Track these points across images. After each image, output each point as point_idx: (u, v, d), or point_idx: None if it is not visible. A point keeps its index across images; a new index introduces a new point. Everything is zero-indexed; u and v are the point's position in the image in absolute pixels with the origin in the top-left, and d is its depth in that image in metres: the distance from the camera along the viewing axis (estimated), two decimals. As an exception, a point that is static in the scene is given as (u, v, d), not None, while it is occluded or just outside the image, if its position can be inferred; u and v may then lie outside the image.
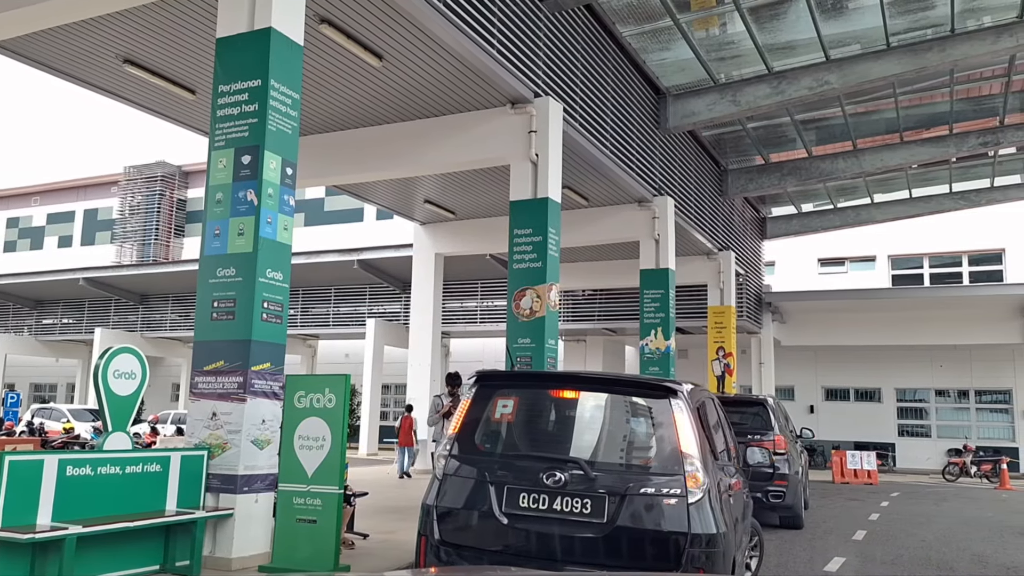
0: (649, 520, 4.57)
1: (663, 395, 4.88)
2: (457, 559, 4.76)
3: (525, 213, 12.69)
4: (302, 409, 7.09)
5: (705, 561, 4.51)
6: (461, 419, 5.15)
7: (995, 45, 14.27)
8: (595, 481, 4.66)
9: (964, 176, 23.89)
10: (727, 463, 5.67)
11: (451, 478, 4.98)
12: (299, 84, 7.83)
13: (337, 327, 28.94)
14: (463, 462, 5.00)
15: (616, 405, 5.14)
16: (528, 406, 5.31)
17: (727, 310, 21.81)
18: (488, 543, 4.76)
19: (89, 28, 10.91)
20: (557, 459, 4.81)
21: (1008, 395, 27.31)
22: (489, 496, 4.80)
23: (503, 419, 5.19)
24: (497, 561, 4.70)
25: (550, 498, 4.68)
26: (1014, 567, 8.75)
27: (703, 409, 5.27)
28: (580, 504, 4.64)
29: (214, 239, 7.50)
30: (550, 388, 5.38)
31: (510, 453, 5.07)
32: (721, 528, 4.62)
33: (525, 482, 4.76)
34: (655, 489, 4.61)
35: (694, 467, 4.62)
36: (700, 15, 14.60)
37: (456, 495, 4.91)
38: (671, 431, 4.73)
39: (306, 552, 6.85)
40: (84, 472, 6.21)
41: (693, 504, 4.54)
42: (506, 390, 5.33)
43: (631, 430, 5.12)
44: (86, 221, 41.49)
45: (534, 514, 4.68)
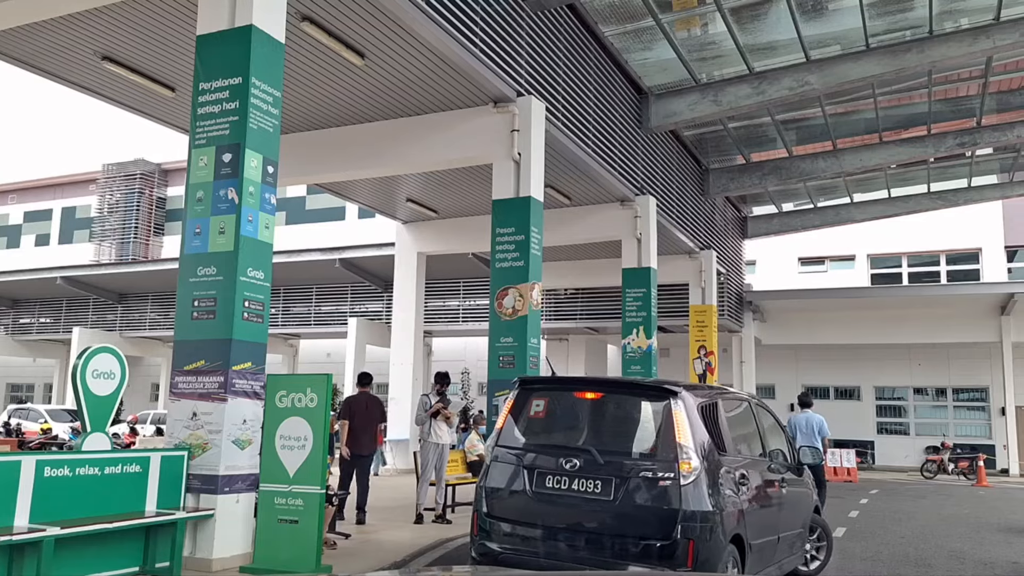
0: (647, 498, 5.47)
1: (665, 396, 5.79)
2: (499, 526, 5.84)
3: (508, 212, 12.69)
4: (283, 409, 7.06)
5: (698, 534, 5.32)
6: (505, 415, 6.25)
7: (972, 47, 14.43)
8: (604, 466, 5.61)
9: (942, 176, 24.15)
10: (748, 457, 6.48)
11: (495, 463, 6.06)
12: (280, 82, 7.79)
13: (319, 326, 28.79)
14: (504, 451, 6.06)
15: (626, 404, 6.15)
16: (555, 405, 6.31)
17: (708, 309, 21.92)
18: (521, 516, 5.80)
19: (67, 24, 10.79)
20: (574, 448, 5.82)
21: (985, 393, 27.63)
22: (523, 478, 5.86)
23: (536, 416, 6.25)
24: (527, 528, 5.73)
25: (569, 480, 5.67)
26: (991, 563, 8.86)
27: (710, 409, 6.09)
28: (592, 484, 5.60)
29: (195, 238, 7.45)
30: (574, 390, 6.40)
31: (539, 443, 6.05)
32: (711, 507, 5.42)
33: (549, 467, 5.78)
34: (652, 473, 5.52)
35: (687, 455, 5.49)
36: (682, 15, 14.66)
37: (499, 477, 5.97)
38: (670, 425, 5.63)
39: (287, 553, 6.83)
40: (62, 473, 6.14)
41: (685, 485, 5.40)
42: (539, 392, 6.38)
43: (637, 424, 6.00)
44: (64, 219, 41.03)
45: (556, 492, 5.69)
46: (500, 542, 5.80)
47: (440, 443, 10.43)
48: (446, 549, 8.69)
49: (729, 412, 6.48)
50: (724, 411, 6.32)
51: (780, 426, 7.81)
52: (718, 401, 6.34)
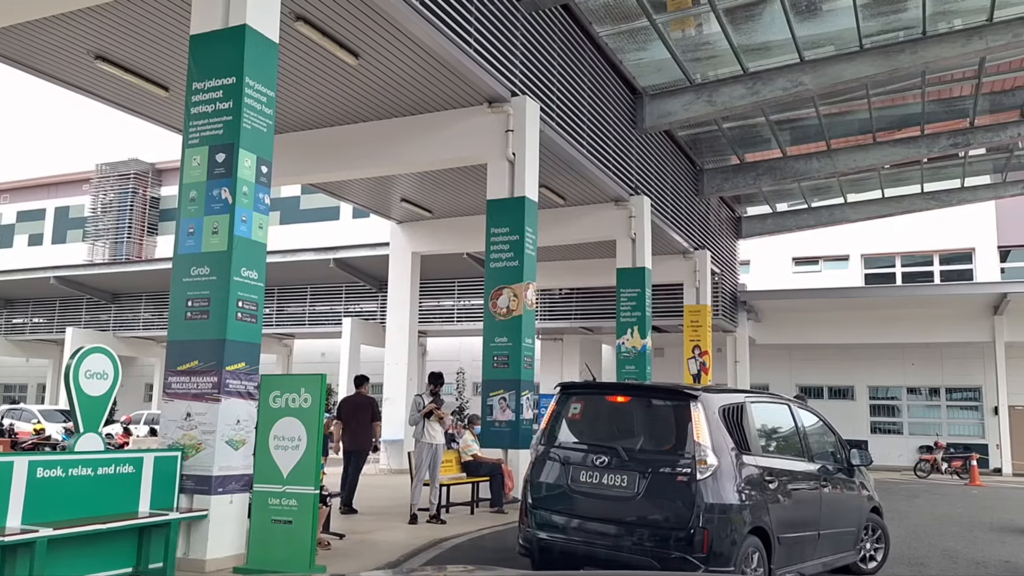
0: (667, 492, 5.97)
1: (685, 400, 6.26)
2: (542, 515, 6.45)
3: (502, 212, 12.70)
4: (277, 409, 7.04)
5: (714, 525, 5.78)
6: (548, 417, 6.87)
7: (965, 47, 14.47)
8: (629, 462, 6.18)
9: (935, 176, 24.22)
10: (779, 456, 6.93)
11: (539, 459, 6.70)
12: (274, 82, 7.78)
13: (313, 326, 28.75)
14: (546, 448, 6.70)
15: (651, 407, 6.72)
16: (590, 408, 6.94)
17: (703, 309, 21.94)
18: (560, 506, 6.43)
19: (60, 24, 10.76)
20: (604, 446, 6.41)
21: (978, 392, 27.72)
22: (560, 472, 6.49)
23: (573, 417, 6.86)
24: (565, 518, 6.34)
25: (599, 474, 6.27)
26: (983, 562, 8.89)
27: (734, 411, 6.53)
28: (619, 479, 6.18)
29: (188, 238, 7.43)
30: (606, 395, 7.13)
31: (575, 442, 6.68)
32: (726, 500, 5.90)
33: (583, 463, 6.40)
34: (672, 468, 6.02)
35: (704, 453, 5.94)
36: (676, 16, 14.68)
37: (541, 472, 6.62)
38: (688, 426, 6.09)
39: (281, 553, 6.81)
40: (55, 474, 6.12)
41: (702, 480, 5.87)
42: (577, 396, 7.00)
43: (660, 425, 6.53)
44: (57, 219, 40.90)
45: (588, 486, 6.30)
46: (542, 530, 6.42)
47: (434, 443, 10.42)
48: (440, 549, 8.68)
49: (758, 414, 6.86)
50: (752, 413, 6.73)
51: (830, 428, 8.08)
52: (744, 404, 6.72)
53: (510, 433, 12.44)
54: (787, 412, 7.44)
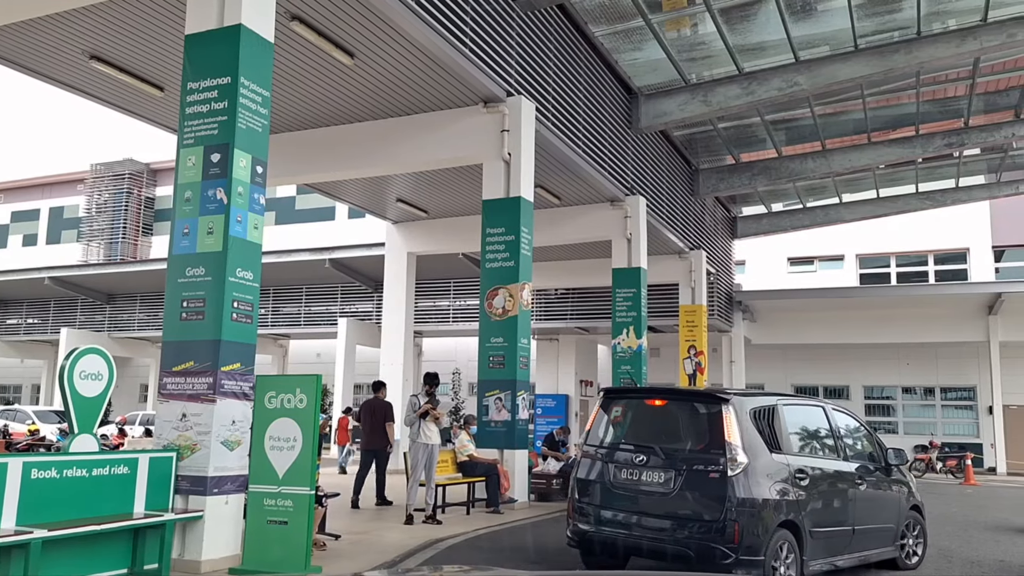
0: (701, 487, 6.42)
1: (718, 403, 6.68)
2: (588, 510, 6.96)
3: (498, 212, 12.70)
4: (273, 410, 7.03)
5: (745, 518, 6.20)
6: (592, 420, 7.44)
7: (960, 48, 14.51)
8: (665, 461, 6.65)
9: (930, 176, 24.28)
10: (812, 455, 7.34)
11: (584, 459, 7.24)
12: (269, 81, 7.77)
13: (308, 326, 28.71)
14: (591, 447, 7.23)
15: (687, 410, 7.16)
16: (630, 411, 7.47)
17: (698, 309, 21.96)
18: (603, 501, 6.92)
19: (54, 23, 10.73)
20: (643, 446, 6.90)
21: (972, 392, 27.79)
22: (603, 470, 7.00)
23: (615, 420, 7.39)
24: (609, 512, 6.82)
25: (639, 472, 6.76)
26: (978, 562, 8.91)
27: (766, 413, 6.96)
28: (656, 476, 6.66)
29: (183, 238, 7.41)
30: (645, 399, 7.64)
31: (617, 442, 7.19)
32: (756, 496, 6.30)
33: (624, 461, 6.90)
34: (704, 466, 6.46)
35: (735, 452, 6.38)
36: (671, 16, 14.69)
37: (586, 470, 7.15)
38: (720, 427, 6.52)
39: (277, 554, 6.80)
40: (50, 475, 6.10)
41: (732, 476, 6.29)
42: (618, 400, 7.62)
43: (694, 426, 6.91)
44: (51, 219, 40.77)
45: (629, 483, 6.80)
46: (588, 523, 6.94)
47: (430, 443, 10.42)
48: (436, 549, 8.68)
49: (790, 417, 7.29)
50: (784, 415, 7.15)
51: (867, 430, 8.47)
52: (776, 406, 7.17)
53: (506, 433, 12.44)
54: (821, 414, 7.83)
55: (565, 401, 28.13)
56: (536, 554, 8.75)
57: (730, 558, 6.11)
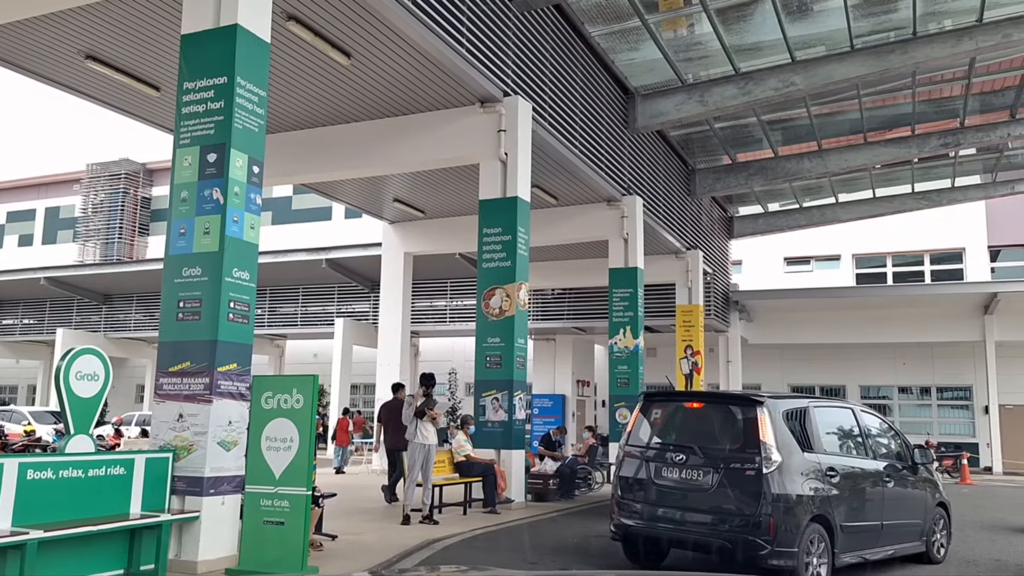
0: (737, 484, 6.85)
1: (753, 405, 7.12)
2: (630, 506, 7.43)
3: (494, 212, 12.70)
4: (269, 410, 7.02)
5: (780, 513, 6.61)
6: (633, 421, 7.89)
7: (955, 48, 14.54)
8: (704, 460, 7.08)
9: (926, 176, 24.32)
10: (843, 454, 7.73)
11: (626, 458, 7.66)
12: (266, 81, 7.76)
13: (305, 327, 28.68)
14: (632, 447, 7.68)
15: (723, 412, 7.60)
16: (669, 413, 7.95)
17: (695, 309, 21.98)
18: (645, 498, 7.38)
19: (50, 23, 10.71)
20: (682, 446, 7.36)
21: (968, 391, 27.84)
22: (644, 468, 7.45)
23: (655, 421, 7.85)
24: (650, 507, 7.26)
25: (679, 470, 7.20)
26: (974, 561, 8.93)
27: (798, 415, 7.41)
28: (695, 474, 7.09)
29: (179, 238, 7.40)
30: (683, 402, 8.26)
31: (657, 442, 7.65)
32: (789, 492, 6.71)
33: (664, 460, 7.35)
34: (741, 464, 6.88)
35: (769, 451, 6.80)
36: (668, 16, 14.70)
37: (628, 468, 7.59)
38: (756, 427, 6.95)
39: (274, 554, 6.79)
40: (45, 476, 6.09)
41: (767, 474, 6.71)
42: (657, 403, 8.01)
43: (730, 427, 7.32)
44: (47, 219, 40.67)
45: (669, 480, 7.24)
46: (631, 518, 7.40)
47: (427, 444, 10.42)
48: (433, 550, 8.67)
49: (821, 418, 7.71)
50: (815, 416, 7.59)
51: (894, 431, 8.94)
52: (808, 408, 7.61)
53: (503, 433, 12.44)
54: (851, 415, 8.28)
55: (562, 401, 28.14)
56: (533, 554, 8.75)
57: (765, 550, 6.55)
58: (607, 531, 7.67)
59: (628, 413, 16.20)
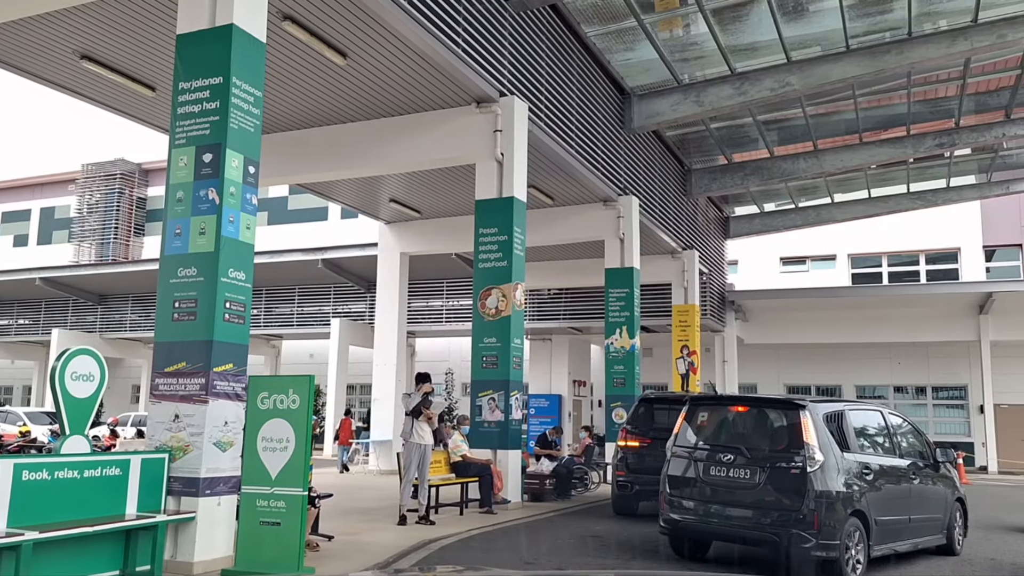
0: (783, 482, 7.32)
1: (796, 409, 7.66)
2: (679, 502, 7.90)
3: (491, 212, 12.69)
4: (265, 410, 7.01)
5: (823, 508, 7.08)
6: (680, 424, 8.34)
7: (951, 48, 14.57)
8: (751, 459, 7.58)
9: (921, 176, 24.36)
10: (874, 454, 8.25)
11: (674, 458, 8.14)
12: (262, 81, 7.75)
13: (301, 327, 28.65)
14: (680, 447, 8.17)
15: (767, 414, 8.15)
16: (715, 415, 8.43)
17: (691, 309, 22.00)
18: (694, 494, 7.85)
19: (45, 23, 10.69)
20: (730, 446, 7.85)
21: (963, 391, 27.89)
22: (693, 467, 7.93)
23: (702, 424, 8.31)
24: (699, 503, 7.76)
25: (726, 469, 7.67)
26: (969, 560, 8.95)
27: (836, 417, 7.92)
28: (743, 472, 7.57)
29: (175, 238, 7.39)
30: (728, 405, 8.72)
31: (705, 443, 8.09)
32: (831, 488, 7.21)
33: (712, 459, 7.83)
34: (786, 463, 7.37)
35: (813, 451, 7.29)
36: (664, 16, 14.71)
37: (677, 467, 8.08)
38: (798, 429, 7.46)
39: (270, 555, 6.78)
40: (41, 477, 6.08)
41: (811, 472, 7.19)
42: (703, 407, 8.58)
43: (775, 429, 7.87)
44: (43, 220, 40.56)
45: (718, 478, 7.72)
46: (679, 513, 7.89)
47: (423, 444, 10.41)
48: (430, 550, 8.67)
49: (855, 420, 8.26)
50: (850, 418, 8.12)
51: (917, 431, 9.44)
52: (844, 411, 8.16)
53: (499, 433, 12.44)
54: (879, 417, 8.86)
55: (558, 401, 28.14)
56: (530, 554, 8.75)
57: (810, 542, 7.02)
58: (604, 531, 7.71)
59: (624, 413, 16.21)
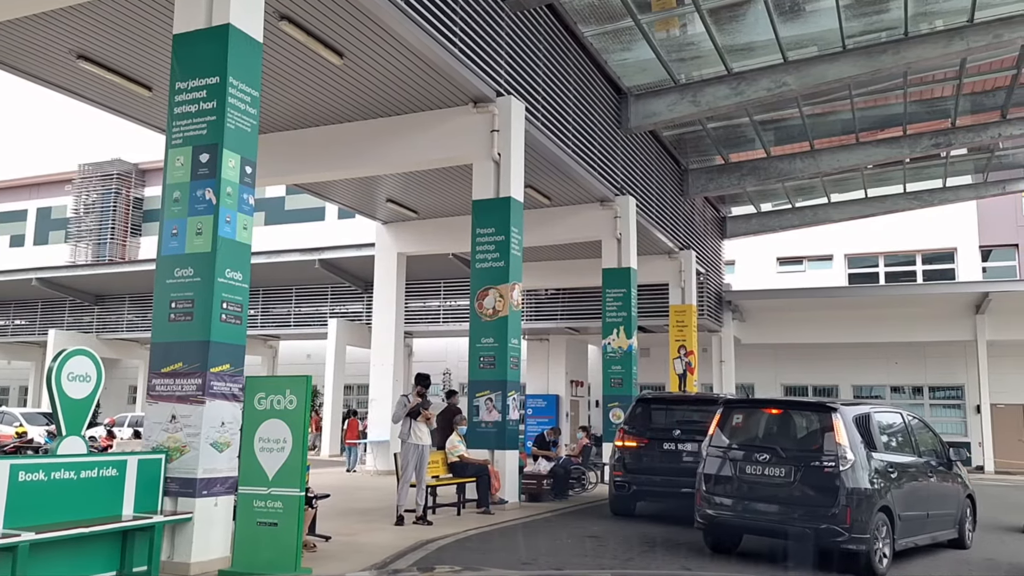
0: (817, 479, 7.82)
1: (828, 411, 8.17)
2: (715, 499, 8.33)
3: (487, 212, 12.69)
4: (262, 411, 7.00)
5: (854, 504, 7.57)
6: (715, 425, 8.76)
7: (947, 48, 14.59)
8: (785, 458, 8.05)
9: (917, 176, 24.39)
10: (896, 453, 8.73)
11: (709, 457, 8.57)
12: (258, 81, 7.74)
13: (299, 327, 28.61)
14: (715, 447, 8.58)
15: (799, 417, 8.70)
16: (750, 418, 8.95)
17: (688, 309, 22.01)
18: (729, 492, 8.29)
19: (41, 22, 10.67)
20: (765, 446, 8.34)
21: (960, 391, 27.92)
22: (729, 466, 8.37)
23: (736, 425, 8.78)
24: (735, 500, 8.20)
25: (762, 467, 8.14)
26: (964, 560, 8.97)
27: (864, 419, 8.41)
28: (778, 471, 8.02)
29: (171, 239, 7.37)
30: (762, 408, 9.19)
31: (740, 443, 8.55)
32: (862, 485, 7.71)
33: (748, 459, 8.30)
34: (820, 462, 7.86)
35: (844, 451, 7.79)
36: (661, 16, 14.72)
37: (712, 466, 8.50)
38: (830, 430, 7.95)
39: (267, 556, 6.77)
40: (37, 478, 6.06)
41: (843, 471, 7.70)
42: (738, 409, 9.07)
43: (808, 430, 8.38)
44: (39, 220, 40.48)
45: (753, 476, 8.18)
46: (715, 509, 8.33)
47: (420, 444, 10.40)
48: (427, 551, 8.66)
49: (880, 421, 8.77)
50: (875, 421, 8.61)
51: (932, 432, 9.96)
52: (870, 413, 8.66)
53: (496, 434, 12.43)
54: (900, 418, 9.41)
55: (556, 401, 28.14)
56: (527, 555, 8.75)
57: (843, 536, 7.50)
58: (601, 531, 7.72)
59: (622, 413, 16.22)
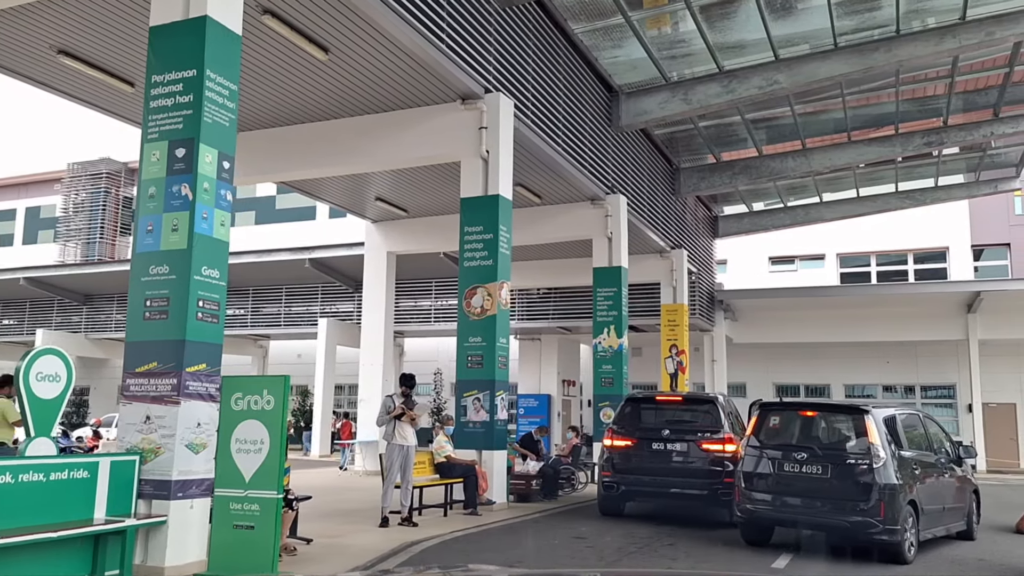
0: (852, 476, 8.50)
1: (860, 413, 8.89)
2: (753, 495, 8.94)
3: (476, 210, 12.55)
4: (239, 411, 6.83)
5: (887, 498, 8.24)
6: (752, 426, 9.42)
7: (939, 46, 14.51)
8: (822, 456, 8.78)
9: (909, 176, 24.35)
10: (918, 451, 9.39)
11: (748, 456, 9.24)
12: (237, 75, 7.58)
13: (289, 327, 28.43)
14: (753, 447, 9.23)
15: (834, 418, 9.52)
16: (786, 419, 9.58)
17: (680, 308, 21.91)
18: (768, 488, 8.91)
19: (19, 16, 10.48)
20: (802, 446, 9.05)
21: (952, 390, 27.89)
22: (767, 464, 9.02)
23: (773, 427, 9.43)
24: (773, 496, 8.84)
25: (799, 465, 8.79)
26: (959, 560, 8.89)
27: (891, 420, 9.11)
28: (815, 468, 8.69)
29: (147, 235, 7.22)
30: (798, 410, 9.84)
31: (778, 443, 9.20)
32: (894, 481, 8.36)
33: (786, 457, 8.92)
34: (855, 460, 8.58)
35: (878, 449, 8.48)
36: (651, 13, 14.60)
37: (751, 464, 9.17)
38: (864, 430, 8.67)
39: (243, 559, 6.61)
40: (4, 480, 5.89)
41: (877, 468, 8.38)
42: (774, 411, 9.64)
43: (843, 430, 9.13)
44: (28, 219, 40.22)
45: (791, 473, 8.79)
46: (754, 504, 8.93)
47: (405, 445, 10.25)
48: (411, 552, 8.52)
49: (904, 422, 9.44)
50: (900, 421, 9.29)
51: (944, 432, 10.62)
52: (896, 415, 9.35)
53: (484, 434, 12.29)
54: (919, 419, 10.19)
55: (547, 401, 28.01)
56: (514, 555, 8.61)
57: (877, 528, 8.17)
58: (590, 531, 7.59)
59: (612, 412, 16.08)
